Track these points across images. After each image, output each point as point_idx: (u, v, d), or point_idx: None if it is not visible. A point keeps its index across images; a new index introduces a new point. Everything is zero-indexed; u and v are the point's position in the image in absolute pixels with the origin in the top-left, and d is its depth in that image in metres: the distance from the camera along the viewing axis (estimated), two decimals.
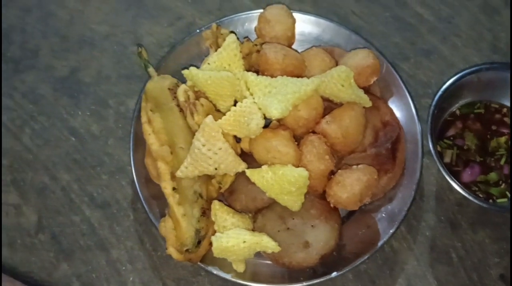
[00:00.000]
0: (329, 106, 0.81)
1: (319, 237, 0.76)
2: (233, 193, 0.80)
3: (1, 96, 0.94)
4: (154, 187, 0.80)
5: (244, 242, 0.72)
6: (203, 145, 0.74)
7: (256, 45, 0.87)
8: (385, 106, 0.85)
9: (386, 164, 0.81)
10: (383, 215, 0.80)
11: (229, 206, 0.80)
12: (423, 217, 0.83)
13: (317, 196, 0.79)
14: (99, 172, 0.88)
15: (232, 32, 0.87)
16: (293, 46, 0.90)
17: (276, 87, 0.76)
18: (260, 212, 0.80)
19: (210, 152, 0.74)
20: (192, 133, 0.78)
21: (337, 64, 0.85)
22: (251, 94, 0.77)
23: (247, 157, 0.80)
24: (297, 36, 0.91)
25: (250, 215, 0.80)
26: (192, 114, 0.78)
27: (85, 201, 0.86)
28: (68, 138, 0.90)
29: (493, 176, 0.82)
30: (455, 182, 0.76)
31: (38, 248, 0.84)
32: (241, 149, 0.81)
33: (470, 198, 0.75)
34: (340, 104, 0.80)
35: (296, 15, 0.90)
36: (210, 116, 0.74)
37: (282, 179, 0.73)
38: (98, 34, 0.98)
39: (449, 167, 0.82)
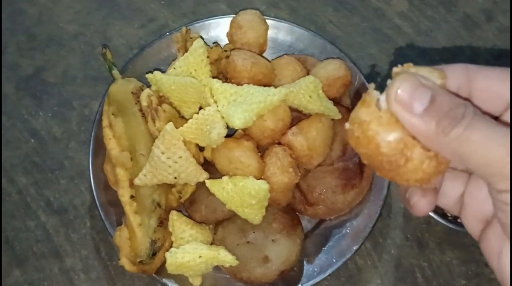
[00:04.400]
0: (298, 117, 0.79)
1: (280, 252, 0.74)
2: (193, 203, 0.77)
3: None
4: (113, 194, 0.77)
5: (200, 256, 0.69)
6: (163, 153, 0.71)
7: (225, 51, 0.84)
8: None
9: (354, 179, 0.78)
10: (348, 230, 0.78)
11: (189, 216, 0.77)
12: (390, 234, 0.81)
13: (280, 209, 0.77)
14: (58, 176, 0.85)
15: (200, 36, 0.85)
16: (266, 54, 0.88)
17: (241, 95, 0.74)
18: (221, 223, 0.77)
19: (170, 160, 0.71)
20: (154, 140, 0.75)
21: (308, 74, 0.83)
22: (215, 102, 0.74)
23: (210, 166, 0.77)
24: (269, 44, 0.88)
25: (210, 226, 0.78)
26: (153, 120, 0.76)
27: (41, 205, 0.83)
28: (28, 140, 0.87)
29: None
30: None
31: None
32: (205, 158, 0.78)
33: (436, 217, 0.73)
34: (309, 116, 0.78)
35: (270, 21, 0.88)
36: (170, 123, 0.71)
37: (243, 191, 0.70)
38: (66, 33, 0.95)
39: None
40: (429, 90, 0.38)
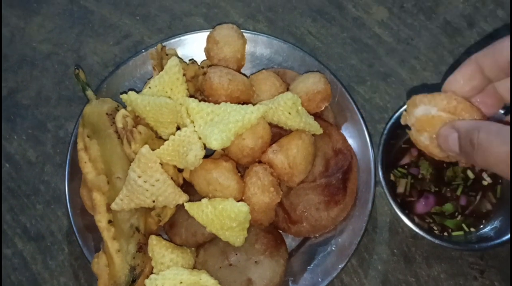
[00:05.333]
0: (279, 133, 0.77)
1: (263, 274, 0.72)
2: (173, 227, 0.75)
3: None
4: (90, 218, 0.75)
5: (181, 282, 0.67)
6: (139, 177, 0.69)
7: (202, 67, 0.82)
8: (337, 133, 0.81)
9: (337, 195, 0.76)
10: (333, 248, 0.76)
11: (170, 240, 0.75)
12: (376, 249, 0.79)
13: (263, 229, 0.75)
14: (34, 201, 0.82)
15: (175, 54, 0.83)
16: (244, 68, 0.86)
17: (218, 115, 0.72)
18: (203, 246, 0.75)
19: (147, 183, 0.69)
20: (131, 162, 0.73)
21: (288, 88, 0.82)
22: (192, 122, 0.72)
23: (190, 187, 0.75)
24: (248, 58, 0.86)
25: (192, 249, 0.76)
26: (129, 142, 0.73)
27: (17, 232, 0.81)
28: (3, 164, 0.85)
29: (448, 207, 0.78)
30: (405, 215, 0.72)
31: None
32: (184, 179, 0.76)
33: (421, 233, 0.71)
34: (290, 132, 0.76)
35: (247, 35, 0.86)
36: (146, 146, 0.69)
37: (222, 214, 0.68)
38: (39, 53, 0.93)
39: (403, 197, 0.78)
40: (453, 132, 0.55)
